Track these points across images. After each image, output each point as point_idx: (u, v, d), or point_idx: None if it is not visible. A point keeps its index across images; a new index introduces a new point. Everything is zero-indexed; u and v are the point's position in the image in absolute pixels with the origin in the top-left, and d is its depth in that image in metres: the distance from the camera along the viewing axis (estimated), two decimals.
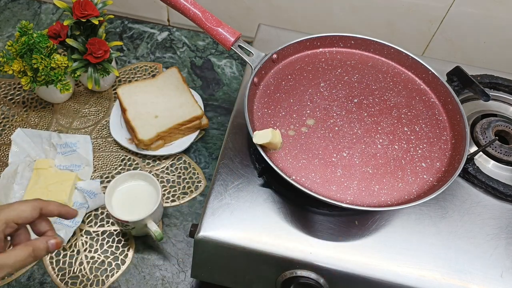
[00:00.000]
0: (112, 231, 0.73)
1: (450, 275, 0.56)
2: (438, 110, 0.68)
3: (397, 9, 0.89)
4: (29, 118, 0.86)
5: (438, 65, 0.71)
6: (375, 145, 0.63)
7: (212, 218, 0.58)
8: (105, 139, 0.84)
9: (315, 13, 0.94)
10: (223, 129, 0.87)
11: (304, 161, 0.60)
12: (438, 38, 0.93)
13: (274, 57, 0.69)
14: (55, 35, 0.79)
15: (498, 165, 0.67)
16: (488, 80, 0.77)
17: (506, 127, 0.70)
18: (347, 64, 0.72)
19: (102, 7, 0.81)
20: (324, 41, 0.73)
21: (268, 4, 0.94)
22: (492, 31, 0.88)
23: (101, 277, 0.69)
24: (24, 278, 0.68)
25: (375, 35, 0.73)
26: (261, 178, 0.62)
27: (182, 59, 0.98)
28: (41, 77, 0.76)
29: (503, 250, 0.59)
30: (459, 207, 0.62)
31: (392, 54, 0.72)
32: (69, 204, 0.73)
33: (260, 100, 0.67)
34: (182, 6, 0.65)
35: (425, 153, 0.63)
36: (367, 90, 0.69)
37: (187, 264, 0.71)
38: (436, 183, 0.60)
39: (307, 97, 0.67)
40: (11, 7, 1.05)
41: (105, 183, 0.78)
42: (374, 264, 0.56)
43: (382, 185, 0.59)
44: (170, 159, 0.82)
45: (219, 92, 0.93)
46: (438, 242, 0.59)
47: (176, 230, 0.74)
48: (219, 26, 0.65)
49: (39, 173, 0.75)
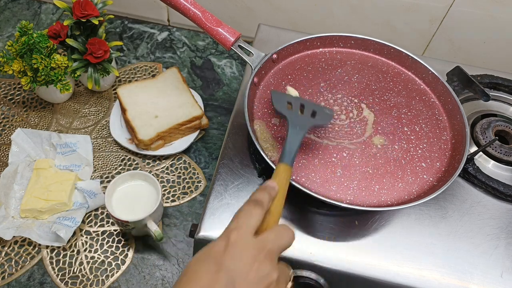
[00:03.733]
0: (112, 231, 0.73)
1: (450, 275, 0.56)
2: (438, 110, 0.68)
3: (397, 9, 0.89)
4: (29, 118, 0.86)
5: (438, 65, 0.71)
6: (375, 145, 0.63)
7: (212, 218, 0.58)
8: (105, 139, 0.84)
9: (315, 13, 0.94)
10: (223, 129, 0.87)
11: (304, 161, 0.60)
12: (438, 38, 0.93)
13: (274, 57, 0.69)
14: (55, 35, 0.79)
15: (498, 165, 0.67)
16: (488, 80, 0.77)
17: (506, 127, 0.70)
18: (347, 64, 0.72)
19: (102, 7, 0.81)
20: (324, 41, 0.73)
21: (268, 4, 0.94)
22: (492, 31, 0.88)
23: (101, 277, 0.69)
24: (24, 278, 0.68)
25: (375, 35, 0.73)
26: (261, 178, 0.62)
27: (182, 59, 0.98)
28: (41, 77, 0.76)
29: (503, 250, 0.59)
30: (459, 207, 0.62)
31: (392, 54, 0.72)
32: (69, 204, 0.73)
33: (260, 100, 0.67)
34: (182, 6, 0.65)
35: (425, 153, 0.63)
36: (367, 90, 0.69)
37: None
38: (436, 183, 0.60)
39: (307, 97, 0.67)
40: (11, 7, 1.05)
41: (105, 183, 0.78)
42: (374, 264, 0.56)
43: (382, 185, 0.59)
44: (170, 159, 0.82)
45: (219, 92, 0.93)
46: (438, 242, 0.59)
47: (176, 230, 0.74)
48: (219, 26, 0.65)
49: (39, 173, 0.75)
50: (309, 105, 0.60)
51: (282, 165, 0.48)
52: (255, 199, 0.42)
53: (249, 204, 0.41)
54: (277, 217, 0.43)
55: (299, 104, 0.59)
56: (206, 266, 0.36)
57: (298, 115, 0.57)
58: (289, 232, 0.41)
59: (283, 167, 0.48)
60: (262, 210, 0.41)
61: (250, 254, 0.37)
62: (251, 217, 0.40)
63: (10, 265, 0.69)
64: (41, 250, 0.71)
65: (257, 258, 0.37)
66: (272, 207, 0.43)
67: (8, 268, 0.69)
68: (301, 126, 0.55)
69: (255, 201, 0.41)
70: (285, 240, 0.40)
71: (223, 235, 0.39)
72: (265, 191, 0.43)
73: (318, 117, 0.58)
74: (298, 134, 0.54)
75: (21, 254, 0.70)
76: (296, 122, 0.55)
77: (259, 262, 0.36)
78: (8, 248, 0.70)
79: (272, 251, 0.38)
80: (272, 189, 0.43)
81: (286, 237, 0.40)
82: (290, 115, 0.57)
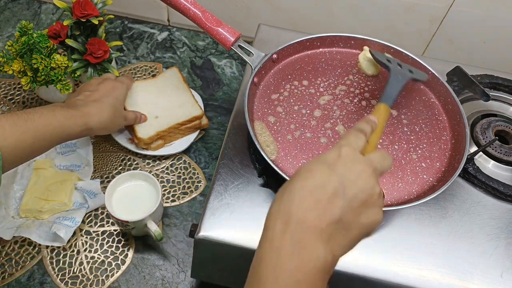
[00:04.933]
0: (112, 231, 0.73)
1: (450, 275, 0.56)
2: (438, 110, 0.68)
3: (397, 9, 0.89)
4: None
5: (438, 65, 0.71)
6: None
7: (212, 218, 0.58)
8: (105, 139, 0.84)
9: (315, 13, 0.94)
10: (223, 129, 0.87)
11: (304, 161, 0.60)
12: (438, 38, 0.93)
13: (274, 57, 0.69)
14: (55, 35, 0.79)
15: (498, 165, 0.67)
16: (488, 80, 0.77)
17: (506, 127, 0.70)
18: (347, 64, 0.72)
19: (102, 7, 0.81)
20: (324, 41, 0.73)
21: (268, 4, 0.94)
22: (492, 31, 0.88)
23: (101, 277, 0.69)
24: (24, 278, 0.68)
25: (375, 35, 0.73)
26: (261, 178, 0.62)
27: (182, 59, 0.98)
28: (41, 77, 0.76)
29: (503, 250, 0.59)
30: (459, 207, 0.62)
31: (392, 54, 0.72)
32: (69, 204, 0.73)
33: (260, 100, 0.67)
34: (182, 6, 0.65)
35: (425, 153, 0.63)
36: (367, 90, 0.69)
37: (187, 264, 0.71)
38: (436, 183, 0.60)
39: (307, 97, 0.67)
40: (11, 7, 1.05)
41: (105, 183, 0.78)
42: (374, 264, 0.56)
43: (382, 185, 0.59)
44: (170, 159, 0.82)
45: (219, 92, 0.93)
46: (438, 242, 0.59)
47: (176, 230, 0.74)
48: (219, 26, 0.65)
49: (39, 173, 0.75)
50: (405, 64, 0.65)
51: (382, 105, 0.52)
52: (360, 128, 0.46)
53: (356, 130, 0.46)
54: (374, 148, 0.47)
55: (396, 61, 0.65)
56: (321, 168, 0.41)
57: (398, 68, 0.63)
58: (390, 158, 0.45)
59: (384, 106, 0.52)
60: (365, 137, 0.46)
61: (360, 166, 0.41)
62: (358, 139, 0.44)
63: (10, 265, 0.69)
64: (41, 250, 0.71)
65: (365, 170, 0.41)
66: (371, 139, 0.47)
67: (8, 268, 0.69)
68: (402, 75, 0.61)
69: (360, 129, 0.46)
70: (388, 162, 0.44)
71: (335, 148, 0.43)
72: (368, 123, 0.48)
73: (415, 73, 0.64)
74: (400, 81, 0.59)
75: (21, 254, 0.70)
76: (397, 72, 0.61)
77: (367, 175, 0.41)
78: (8, 248, 0.70)
79: (377, 169, 0.43)
80: (373, 123, 0.48)
81: (389, 160, 0.45)
82: (392, 66, 0.63)
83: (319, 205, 0.38)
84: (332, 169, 0.40)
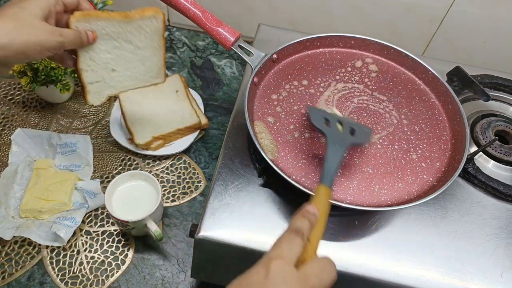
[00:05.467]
0: (112, 231, 0.73)
1: (450, 275, 0.56)
2: (438, 110, 0.68)
3: (397, 9, 0.89)
4: (29, 118, 0.86)
5: (438, 65, 0.71)
6: (375, 145, 0.63)
7: (212, 218, 0.58)
8: (105, 139, 0.84)
9: (315, 13, 0.94)
10: (223, 129, 0.87)
11: (304, 161, 0.60)
12: (438, 38, 0.93)
13: (274, 57, 0.69)
14: None
15: (498, 165, 0.67)
16: (488, 80, 0.77)
17: (506, 127, 0.70)
18: (347, 64, 0.72)
19: (102, 7, 0.81)
20: (324, 41, 0.73)
21: (268, 4, 0.94)
22: (492, 31, 0.88)
23: (101, 277, 0.69)
24: (24, 278, 0.68)
25: (375, 35, 0.73)
26: (261, 178, 0.62)
27: (182, 59, 0.98)
28: (41, 77, 0.76)
29: (503, 250, 0.59)
30: (459, 207, 0.62)
31: (392, 54, 0.72)
32: (69, 204, 0.73)
33: (260, 100, 0.67)
34: (182, 6, 0.65)
35: (425, 153, 0.63)
36: (367, 90, 0.69)
37: (187, 264, 0.71)
38: (436, 183, 0.60)
39: (307, 97, 0.67)
40: None
41: (105, 183, 0.78)
42: (374, 264, 0.56)
43: (382, 185, 0.59)
44: (170, 159, 0.82)
45: (219, 92, 0.93)
46: (438, 242, 0.59)
47: (176, 230, 0.74)
48: (219, 26, 0.65)
49: (39, 173, 0.75)
50: (347, 122, 0.58)
51: (322, 187, 0.46)
52: (295, 227, 0.39)
53: (290, 233, 0.39)
54: (316, 246, 0.41)
55: (336, 121, 0.57)
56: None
57: (337, 132, 0.56)
58: (333, 267, 0.38)
59: (323, 190, 0.45)
60: (303, 239, 0.39)
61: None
62: (293, 246, 0.37)
63: (10, 265, 0.69)
64: (41, 250, 0.71)
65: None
66: (312, 236, 0.40)
67: (8, 268, 0.69)
68: (340, 143, 0.53)
69: (296, 230, 0.39)
70: (328, 274, 0.38)
71: (263, 262, 0.37)
72: (305, 218, 0.40)
73: (357, 135, 0.57)
74: (338, 152, 0.52)
75: (21, 254, 0.70)
76: (335, 139, 0.54)
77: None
78: (8, 248, 0.70)
79: (315, 287, 0.36)
80: (313, 215, 0.41)
81: (330, 273, 0.38)
82: (329, 131, 0.55)
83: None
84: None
